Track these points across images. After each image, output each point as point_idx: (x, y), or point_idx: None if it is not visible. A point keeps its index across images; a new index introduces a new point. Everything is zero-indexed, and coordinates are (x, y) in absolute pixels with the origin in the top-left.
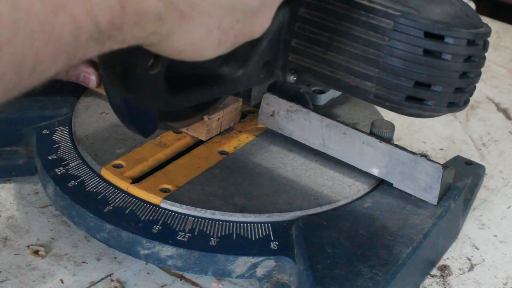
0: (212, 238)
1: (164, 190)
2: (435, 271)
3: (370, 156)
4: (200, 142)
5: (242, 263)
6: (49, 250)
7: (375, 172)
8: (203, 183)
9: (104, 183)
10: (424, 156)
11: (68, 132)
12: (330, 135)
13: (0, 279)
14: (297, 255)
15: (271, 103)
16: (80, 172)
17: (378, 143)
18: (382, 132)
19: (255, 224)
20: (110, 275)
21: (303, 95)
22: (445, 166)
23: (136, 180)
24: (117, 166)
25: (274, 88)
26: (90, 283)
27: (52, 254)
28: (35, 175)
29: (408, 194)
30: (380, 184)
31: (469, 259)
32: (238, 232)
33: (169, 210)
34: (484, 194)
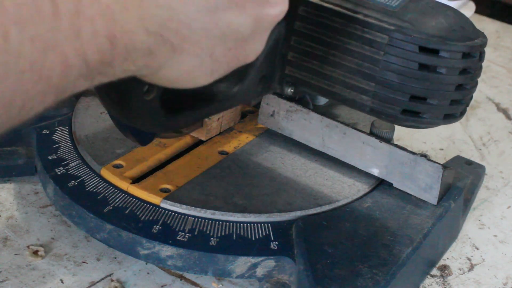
0: (212, 238)
1: (164, 190)
2: (435, 271)
3: (370, 156)
4: (200, 142)
5: (242, 263)
6: (49, 250)
7: (375, 172)
8: (203, 183)
9: (104, 183)
10: (424, 156)
11: (68, 132)
12: (330, 135)
13: (0, 279)
14: (297, 255)
15: (271, 103)
16: (80, 172)
17: (378, 143)
18: (382, 132)
19: (255, 224)
20: (110, 275)
21: (303, 95)
22: (445, 166)
23: (136, 180)
24: (117, 166)
25: None
26: (90, 283)
27: (52, 254)
28: (35, 175)
29: (408, 194)
30: (380, 184)
31: (469, 259)
32: (238, 232)
33: (169, 210)
34: (484, 194)
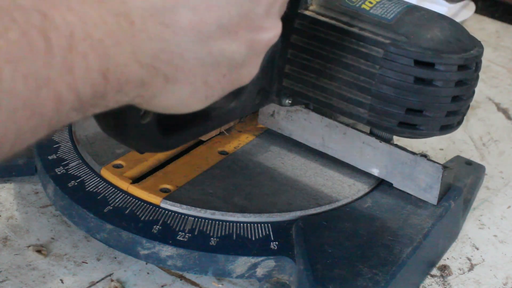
0: (212, 238)
1: (164, 190)
2: (435, 271)
3: (370, 156)
4: (200, 142)
5: (242, 263)
6: (49, 250)
7: (375, 172)
8: (203, 183)
9: (104, 183)
10: (424, 156)
11: (68, 132)
12: (330, 135)
13: (0, 279)
14: (297, 255)
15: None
16: (80, 172)
17: (378, 143)
18: (382, 132)
19: (255, 224)
20: (110, 275)
21: None
22: (445, 166)
23: (136, 180)
24: (117, 166)
25: None
26: (90, 283)
27: (52, 254)
28: (35, 175)
29: (408, 194)
30: (380, 184)
31: (469, 259)
32: (238, 232)
33: (169, 210)
34: (484, 194)
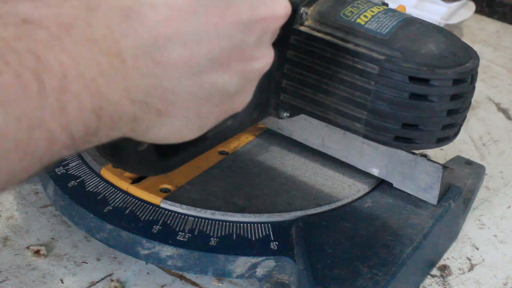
0: (212, 238)
1: (164, 190)
2: (435, 271)
3: (370, 156)
4: None
5: (242, 263)
6: (49, 250)
7: (375, 172)
8: (203, 183)
9: (104, 183)
10: (424, 156)
11: None
12: (330, 135)
13: (0, 279)
14: (297, 255)
15: None
16: (80, 172)
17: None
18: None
19: (255, 224)
20: (110, 275)
21: None
22: (445, 166)
23: (136, 180)
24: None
25: None
26: (90, 283)
27: (52, 254)
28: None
29: (408, 194)
30: (380, 184)
31: (469, 259)
32: (238, 232)
33: (169, 210)
34: (484, 194)
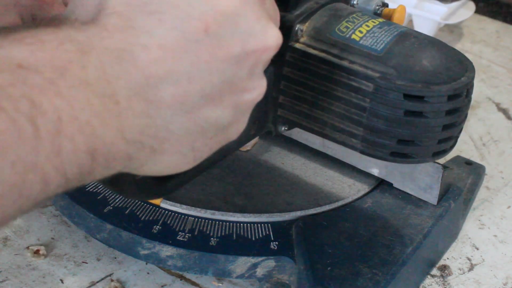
0: (212, 238)
1: None
2: (435, 271)
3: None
4: None
5: (242, 263)
6: (49, 250)
7: (375, 172)
8: (203, 183)
9: None
10: None
11: None
12: None
13: (0, 279)
14: (297, 255)
15: None
16: None
17: None
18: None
19: (255, 224)
20: (110, 275)
21: None
22: (445, 166)
23: None
24: None
25: None
26: (90, 283)
27: (52, 254)
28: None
29: (408, 194)
30: (380, 184)
31: (469, 259)
32: (238, 232)
33: (169, 210)
34: (484, 194)
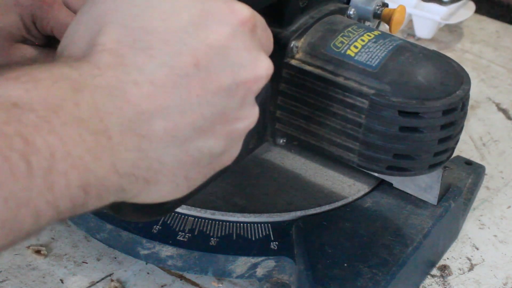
0: (212, 238)
1: None
2: (435, 271)
3: None
4: None
5: (242, 263)
6: (49, 250)
7: None
8: None
9: None
10: None
11: None
12: None
13: (0, 279)
14: (297, 255)
15: None
16: None
17: None
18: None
19: (255, 224)
20: (110, 275)
21: None
22: (445, 166)
23: None
24: None
25: None
26: (90, 283)
27: (52, 254)
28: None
29: (408, 194)
30: (380, 184)
31: (469, 259)
32: (238, 232)
33: None
34: (484, 194)
